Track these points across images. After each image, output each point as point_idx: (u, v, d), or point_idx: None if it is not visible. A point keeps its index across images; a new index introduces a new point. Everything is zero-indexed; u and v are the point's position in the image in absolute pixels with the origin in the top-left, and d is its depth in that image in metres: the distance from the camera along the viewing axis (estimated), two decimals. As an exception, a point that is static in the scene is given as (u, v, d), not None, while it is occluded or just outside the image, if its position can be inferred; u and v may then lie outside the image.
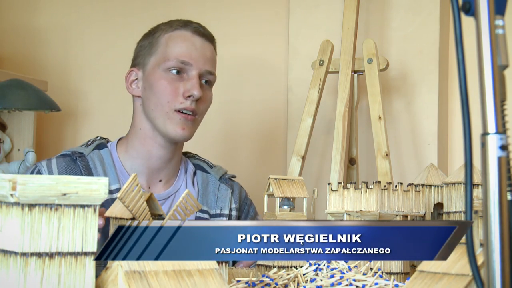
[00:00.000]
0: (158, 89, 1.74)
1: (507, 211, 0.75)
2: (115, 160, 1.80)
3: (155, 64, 1.76)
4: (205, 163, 1.91)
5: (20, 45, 2.74)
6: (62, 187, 0.72)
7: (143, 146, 1.78)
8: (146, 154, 1.78)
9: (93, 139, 1.85)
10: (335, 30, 2.40)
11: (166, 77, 1.74)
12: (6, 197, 0.71)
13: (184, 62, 1.74)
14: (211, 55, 1.80)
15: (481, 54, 0.77)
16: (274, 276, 1.13)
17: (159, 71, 1.75)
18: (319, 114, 2.31)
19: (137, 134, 1.79)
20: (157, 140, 1.77)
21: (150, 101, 1.75)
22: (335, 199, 1.35)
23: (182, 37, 1.77)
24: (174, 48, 1.76)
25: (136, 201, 0.97)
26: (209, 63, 1.78)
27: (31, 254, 0.71)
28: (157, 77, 1.75)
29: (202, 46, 1.78)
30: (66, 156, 1.77)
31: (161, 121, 1.74)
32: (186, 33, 1.78)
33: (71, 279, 0.73)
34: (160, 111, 1.73)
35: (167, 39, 1.78)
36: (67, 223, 0.73)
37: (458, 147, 2.45)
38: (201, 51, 1.77)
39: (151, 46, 1.79)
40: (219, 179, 1.87)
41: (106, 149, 1.80)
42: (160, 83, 1.74)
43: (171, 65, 1.74)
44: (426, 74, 2.37)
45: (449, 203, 1.41)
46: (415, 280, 0.91)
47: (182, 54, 1.75)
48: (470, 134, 0.78)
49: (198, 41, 1.78)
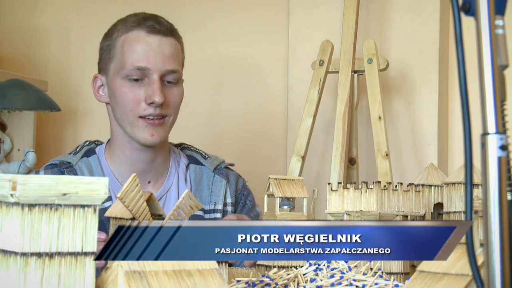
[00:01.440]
0: (120, 98, 1.71)
1: (507, 211, 0.75)
2: (104, 166, 1.78)
3: (115, 71, 1.72)
4: (199, 154, 1.87)
5: (20, 45, 2.74)
6: (62, 187, 0.72)
7: (122, 152, 1.76)
8: (127, 159, 1.76)
9: (82, 145, 1.82)
10: (335, 30, 2.40)
11: (126, 85, 1.70)
12: (6, 197, 0.71)
13: (141, 68, 1.68)
14: (171, 52, 1.72)
15: (481, 54, 0.77)
16: (274, 276, 1.13)
17: (119, 79, 1.71)
18: (319, 114, 2.31)
19: (115, 141, 1.78)
20: (134, 145, 1.74)
21: (116, 109, 1.73)
22: (335, 199, 1.35)
23: (136, 40, 1.71)
24: (130, 53, 1.70)
25: (136, 201, 0.97)
26: (169, 62, 1.71)
27: (31, 254, 0.71)
28: (118, 85, 1.71)
29: (159, 45, 1.71)
30: (54, 167, 1.76)
31: (129, 129, 1.71)
32: (140, 33, 1.71)
33: (71, 279, 0.73)
34: (126, 119, 1.71)
35: (123, 42, 1.72)
36: (67, 223, 0.73)
37: (458, 147, 2.45)
38: (159, 51, 1.70)
39: (110, 50, 1.75)
40: (213, 170, 1.83)
41: (94, 156, 1.78)
42: (121, 91, 1.70)
43: (129, 73, 1.69)
44: (426, 74, 2.37)
45: (449, 203, 1.41)
46: (415, 280, 0.91)
47: (138, 59, 1.69)
48: (470, 134, 0.78)
49: (154, 40, 1.71)
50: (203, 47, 2.63)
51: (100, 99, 1.79)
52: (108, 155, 1.80)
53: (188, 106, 2.51)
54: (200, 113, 2.63)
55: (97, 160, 1.78)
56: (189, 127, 2.54)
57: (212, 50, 2.62)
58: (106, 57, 1.76)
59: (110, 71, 1.74)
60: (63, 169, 1.74)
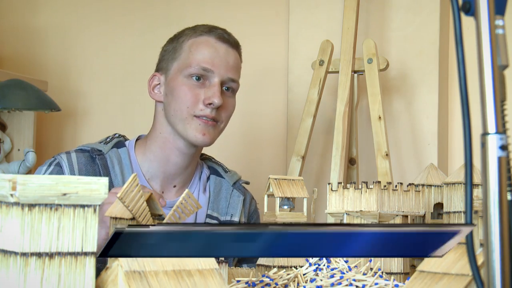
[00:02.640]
0: (178, 95, 1.72)
1: (507, 211, 0.75)
2: (133, 161, 1.78)
3: (177, 69, 1.75)
4: (220, 167, 1.89)
5: (20, 45, 2.74)
6: (62, 187, 0.72)
7: (162, 150, 1.76)
8: (164, 158, 1.76)
9: (112, 136, 1.83)
10: (335, 30, 2.40)
11: (187, 83, 1.72)
12: (6, 197, 0.71)
13: (206, 69, 1.72)
14: (235, 62, 1.77)
15: (481, 54, 0.77)
16: (274, 276, 1.13)
17: (181, 77, 1.73)
18: (319, 114, 2.31)
19: (156, 138, 1.78)
20: (177, 145, 1.75)
21: (171, 107, 1.74)
22: (335, 199, 1.35)
23: (205, 43, 1.75)
24: (197, 54, 1.73)
25: (136, 201, 0.97)
26: (232, 71, 1.76)
27: (31, 254, 0.71)
28: (179, 83, 1.73)
29: (225, 53, 1.75)
30: (85, 152, 1.75)
31: (181, 126, 1.72)
32: (210, 39, 1.75)
33: (71, 279, 0.73)
34: (180, 116, 1.72)
35: (191, 44, 1.75)
36: (67, 223, 0.73)
37: (458, 147, 2.45)
38: (224, 58, 1.74)
39: (175, 51, 1.77)
40: (232, 185, 1.85)
41: (124, 149, 1.79)
42: (181, 88, 1.72)
43: (193, 71, 1.72)
44: (426, 74, 2.37)
45: (449, 203, 1.41)
46: (415, 280, 0.91)
47: (204, 60, 1.72)
48: (470, 134, 0.78)
49: (221, 47, 1.75)
50: (203, 47, 2.63)
51: (154, 96, 1.80)
52: (141, 150, 1.80)
53: (188, 106, 2.51)
54: (200, 113, 2.62)
55: (127, 154, 1.78)
56: (189, 127, 2.54)
57: (212, 50, 2.62)
58: (170, 57, 1.78)
59: (172, 70, 1.76)
60: (94, 155, 1.74)
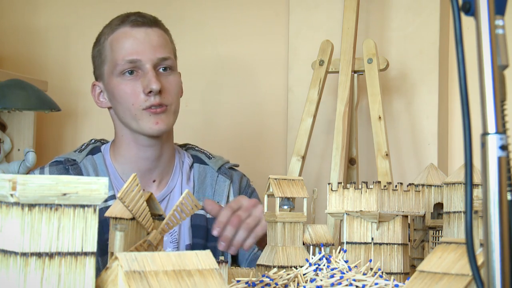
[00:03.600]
0: (119, 96, 1.72)
1: (507, 211, 0.75)
2: (109, 165, 1.79)
3: (109, 72, 1.74)
4: (203, 154, 1.88)
5: (20, 45, 2.74)
6: (62, 187, 0.72)
7: (128, 150, 1.77)
8: (134, 157, 1.77)
9: (87, 143, 1.84)
10: (335, 30, 2.40)
11: (122, 82, 1.71)
12: (6, 197, 0.71)
13: (133, 60, 1.70)
14: (159, 40, 1.74)
15: (481, 54, 0.77)
16: (274, 276, 1.13)
17: (115, 78, 1.72)
18: (319, 114, 2.31)
19: (120, 141, 1.78)
20: (140, 142, 1.75)
21: (118, 109, 1.74)
22: (335, 199, 1.35)
23: (123, 36, 1.73)
24: (119, 50, 1.72)
25: (136, 201, 0.97)
26: (159, 50, 1.73)
27: (31, 254, 0.71)
28: (115, 84, 1.72)
29: (145, 36, 1.73)
30: (59, 164, 1.77)
31: (134, 124, 1.72)
32: (126, 29, 1.74)
33: (71, 279, 0.73)
34: (129, 115, 1.71)
35: (110, 42, 1.75)
36: (67, 223, 0.73)
37: (458, 147, 2.45)
38: (146, 42, 1.72)
39: (100, 54, 1.77)
40: (217, 170, 1.84)
41: (99, 154, 1.79)
42: (119, 88, 1.72)
43: (121, 68, 1.71)
44: (426, 74, 2.37)
45: (449, 203, 1.41)
46: (415, 280, 0.91)
47: (127, 53, 1.71)
48: (470, 134, 0.78)
49: (139, 32, 1.73)
50: (203, 47, 2.63)
51: (102, 105, 1.81)
52: (113, 155, 1.81)
53: (188, 106, 2.51)
54: (200, 113, 2.63)
55: (102, 158, 1.79)
56: (188, 127, 2.54)
57: (212, 50, 2.62)
58: (99, 62, 1.78)
59: (105, 74, 1.76)
60: (68, 166, 1.75)
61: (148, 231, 0.99)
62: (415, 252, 1.57)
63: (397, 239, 1.34)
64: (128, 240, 0.99)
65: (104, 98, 1.79)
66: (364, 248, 1.34)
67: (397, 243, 1.34)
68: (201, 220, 1.77)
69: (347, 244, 1.34)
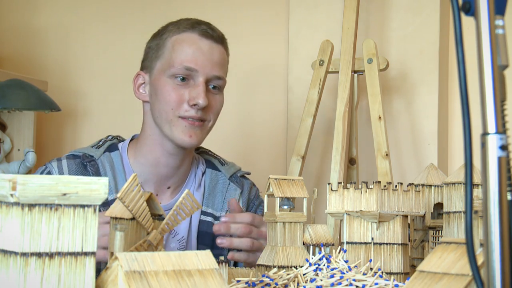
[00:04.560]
0: (163, 96, 1.68)
1: (507, 211, 0.75)
2: (125, 164, 1.75)
3: (161, 69, 1.70)
4: (216, 160, 1.86)
5: (20, 45, 2.74)
6: (62, 187, 0.72)
7: (151, 153, 1.73)
8: (154, 161, 1.73)
9: (105, 139, 1.80)
10: (335, 30, 2.40)
11: (171, 84, 1.68)
12: (6, 197, 0.71)
13: (190, 68, 1.67)
14: (220, 58, 1.73)
15: (481, 54, 0.77)
16: (274, 276, 1.13)
17: (165, 77, 1.69)
18: (319, 114, 2.31)
19: (146, 140, 1.75)
20: (166, 147, 1.72)
21: (156, 107, 1.70)
22: (335, 199, 1.35)
23: (188, 41, 1.70)
24: (180, 53, 1.69)
25: (136, 201, 0.97)
26: (217, 68, 1.71)
27: (31, 254, 0.71)
28: (162, 83, 1.69)
29: (209, 50, 1.70)
30: (77, 158, 1.73)
31: (167, 128, 1.68)
32: (193, 36, 1.70)
33: (71, 279, 0.73)
34: (165, 118, 1.68)
35: (174, 42, 1.71)
36: (67, 223, 0.73)
37: (458, 147, 2.45)
38: (208, 56, 1.70)
39: (158, 49, 1.73)
40: (229, 178, 1.82)
41: (117, 152, 1.76)
42: (165, 89, 1.68)
43: (176, 72, 1.67)
44: (426, 74, 2.37)
45: (449, 203, 1.41)
46: (415, 280, 0.91)
47: (187, 60, 1.67)
48: (470, 134, 0.78)
49: (205, 44, 1.70)
50: (203, 47, 2.63)
51: (140, 96, 1.76)
52: (133, 153, 1.77)
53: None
54: (200, 113, 2.63)
55: (120, 157, 1.75)
56: (189, 127, 2.54)
57: (212, 50, 2.62)
58: (153, 55, 1.73)
59: (155, 69, 1.72)
60: (86, 162, 1.72)
61: (148, 231, 0.99)
62: (415, 252, 1.57)
63: (397, 239, 1.34)
64: (128, 240, 0.98)
65: (145, 90, 1.75)
66: (364, 248, 1.34)
67: (397, 243, 1.34)
68: (208, 227, 1.76)
69: (347, 244, 1.34)
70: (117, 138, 1.82)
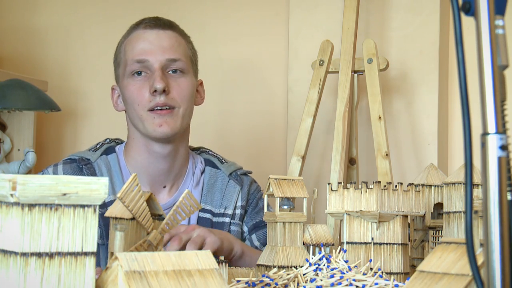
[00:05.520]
0: (128, 96, 1.72)
1: (507, 211, 0.75)
2: (122, 166, 1.77)
3: (122, 74, 1.75)
4: (216, 158, 1.87)
5: (20, 45, 2.74)
6: (62, 187, 0.72)
7: (139, 155, 1.76)
8: (145, 163, 1.75)
9: (102, 142, 1.82)
10: (335, 30, 2.40)
11: (131, 83, 1.71)
12: (6, 197, 0.71)
13: (140, 60, 1.70)
14: (170, 42, 1.73)
15: (481, 54, 0.77)
16: (274, 276, 1.13)
17: (126, 79, 1.73)
18: (319, 114, 2.31)
19: (132, 145, 1.77)
20: (150, 147, 1.73)
21: (129, 110, 1.74)
22: (335, 199, 1.35)
23: (135, 38, 1.74)
24: (130, 51, 1.73)
25: (136, 201, 0.97)
26: (169, 51, 1.71)
27: (31, 254, 0.71)
28: (125, 85, 1.73)
29: (156, 37, 1.72)
30: (73, 162, 1.75)
31: (141, 125, 1.71)
32: (138, 32, 1.74)
33: (71, 279, 0.73)
34: (137, 116, 1.71)
35: (125, 45, 1.76)
36: (67, 223, 0.73)
37: (458, 147, 2.45)
38: (156, 43, 1.71)
39: (117, 58, 1.78)
40: (228, 175, 1.82)
41: (113, 155, 1.78)
42: (128, 90, 1.72)
43: (130, 69, 1.71)
44: (426, 74, 2.37)
45: (449, 203, 1.41)
46: (415, 280, 0.91)
47: (137, 53, 1.71)
48: (470, 134, 0.78)
49: (151, 34, 1.73)
50: (203, 47, 2.62)
51: (118, 108, 1.81)
52: (126, 157, 1.79)
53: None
54: (200, 113, 2.63)
55: (116, 159, 1.77)
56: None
57: (212, 51, 2.62)
58: (116, 66, 1.79)
59: (119, 77, 1.77)
60: (81, 165, 1.74)
61: (148, 231, 0.99)
62: (415, 252, 1.57)
63: (397, 239, 1.34)
64: (128, 240, 0.99)
65: (121, 101, 1.79)
66: (364, 248, 1.34)
67: (397, 243, 1.34)
68: (207, 223, 1.77)
69: (347, 244, 1.34)
70: (115, 141, 1.85)
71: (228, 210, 1.79)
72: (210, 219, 1.77)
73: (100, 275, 0.78)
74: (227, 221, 1.78)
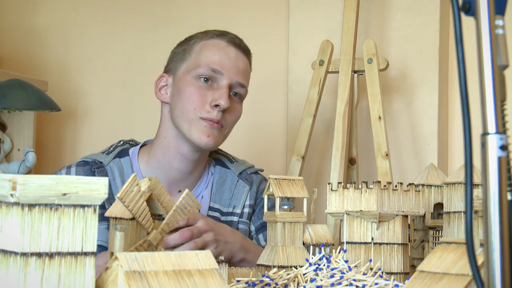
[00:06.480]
0: (185, 95, 1.70)
1: (507, 211, 0.75)
2: (135, 169, 1.76)
3: (186, 70, 1.73)
4: (226, 158, 1.88)
5: (20, 45, 2.74)
6: (62, 187, 0.72)
7: (165, 156, 1.75)
8: (167, 164, 1.75)
9: (116, 145, 1.81)
10: (335, 30, 2.40)
11: (195, 84, 1.70)
12: (6, 197, 0.71)
13: (215, 70, 1.70)
14: (244, 68, 1.76)
15: (481, 54, 0.77)
16: (274, 276, 1.13)
17: (189, 78, 1.71)
18: (319, 114, 2.31)
19: (161, 144, 1.76)
20: (180, 150, 1.73)
21: (177, 107, 1.72)
22: (335, 199, 1.35)
23: (216, 46, 1.74)
24: (207, 55, 1.72)
25: (136, 201, 0.97)
26: (241, 75, 1.74)
27: (31, 254, 0.71)
28: (186, 83, 1.71)
29: (235, 57, 1.74)
30: (86, 165, 1.75)
31: (186, 127, 1.70)
32: (221, 42, 1.74)
33: (71, 279, 0.73)
34: (186, 117, 1.70)
35: (201, 46, 1.74)
36: (67, 223, 0.73)
37: (458, 147, 2.45)
38: (234, 62, 1.73)
39: (184, 53, 1.76)
40: (238, 175, 1.83)
41: (127, 158, 1.77)
42: (188, 89, 1.71)
43: (201, 72, 1.70)
44: (426, 74, 2.37)
45: (449, 203, 1.41)
46: (415, 280, 0.91)
47: (213, 62, 1.71)
48: (470, 134, 0.78)
49: (232, 51, 1.74)
50: (203, 47, 2.63)
51: (160, 97, 1.78)
52: (144, 157, 1.78)
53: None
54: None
55: (129, 163, 1.76)
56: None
57: (212, 50, 2.62)
58: (179, 58, 1.77)
59: (180, 71, 1.75)
60: (94, 168, 1.73)
61: (148, 231, 0.99)
62: (415, 252, 1.57)
63: (397, 239, 1.34)
64: (128, 240, 0.99)
65: (166, 92, 1.77)
66: (364, 248, 1.34)
67: (397, 243, 1.34)
68: None
69: (347, 244, 1.34)
70: (129, 142, 1.84)
71: (237, 209, 1.80)
72: (218, 217, 1.77)
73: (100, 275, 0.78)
74: (235, 220, 1.79)
